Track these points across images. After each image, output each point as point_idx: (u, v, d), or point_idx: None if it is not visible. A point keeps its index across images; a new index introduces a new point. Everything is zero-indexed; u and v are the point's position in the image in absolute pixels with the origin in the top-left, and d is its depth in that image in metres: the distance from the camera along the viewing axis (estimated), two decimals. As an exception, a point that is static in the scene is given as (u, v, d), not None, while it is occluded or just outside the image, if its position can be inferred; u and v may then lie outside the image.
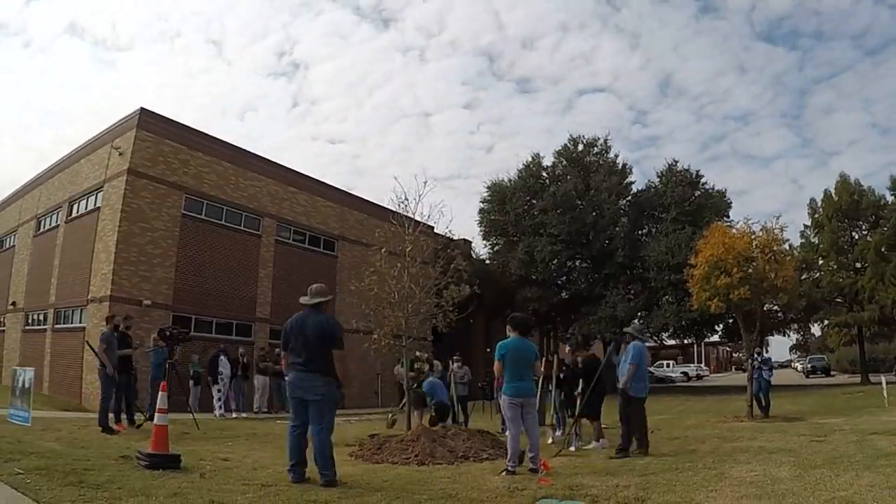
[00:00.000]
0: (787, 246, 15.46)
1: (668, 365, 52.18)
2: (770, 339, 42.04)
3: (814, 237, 31.89)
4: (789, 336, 41.46)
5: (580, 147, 31.74)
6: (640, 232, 31.46)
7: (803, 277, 27.95)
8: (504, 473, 5.95)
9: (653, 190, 31.36)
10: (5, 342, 21.62)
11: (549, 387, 10.27)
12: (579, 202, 30.26)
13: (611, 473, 5.98)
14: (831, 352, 48.20)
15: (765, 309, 16.21)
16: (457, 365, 13.38)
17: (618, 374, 8.26)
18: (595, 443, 8.86)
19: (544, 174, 31.97)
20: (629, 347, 8.09)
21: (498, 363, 6.39)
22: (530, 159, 32.14)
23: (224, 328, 19.08)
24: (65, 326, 18.28)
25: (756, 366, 13.83)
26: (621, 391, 8.00)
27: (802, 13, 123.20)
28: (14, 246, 23.53)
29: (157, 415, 6.11)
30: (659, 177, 31.57)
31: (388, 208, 10.74)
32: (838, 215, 30.64)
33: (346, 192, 25.53)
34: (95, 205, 18.26)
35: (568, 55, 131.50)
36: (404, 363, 10.31)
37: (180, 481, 5.03)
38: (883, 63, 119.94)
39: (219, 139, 20.27)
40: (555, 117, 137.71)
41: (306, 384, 5.29)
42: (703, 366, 55.21)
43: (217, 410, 15.08)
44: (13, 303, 21.84)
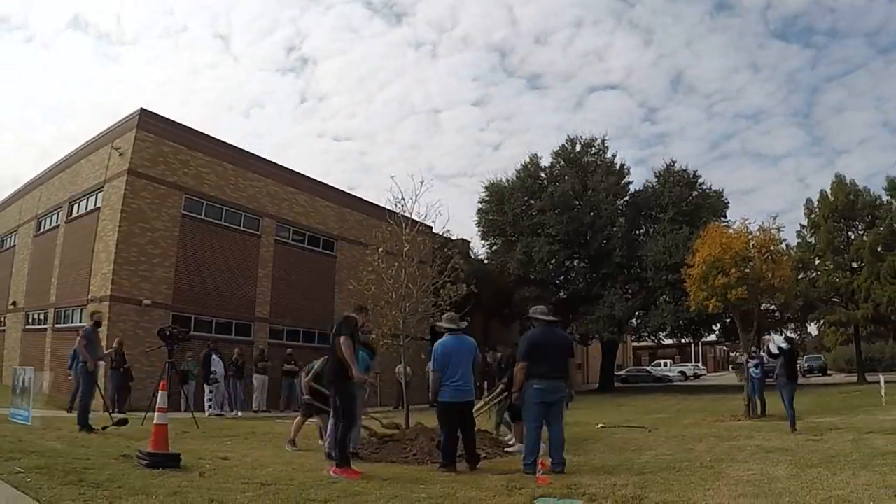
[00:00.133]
0: (783, 246, 15.51)
1: (666, 364, 52.35)
2: (766, 338, 42.14)
3: (810, 237, 31.92)
4: (786, 335, 41.58)
5: (578, 147, 31.74)
6: (637, 232, 31.50)
7: (800, 277, 27.98)
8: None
9: (650, 190, 31.38)
10: (6, 342, 21.64)
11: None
12: (577, 202, 30.28)
13: (608, 472, 6.02)
14: (828, 351, 48.25)
15: (762, 308, 16.26)
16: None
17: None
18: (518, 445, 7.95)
19: (542, 174, 31.96)
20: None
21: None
22: (528, 160, 32.23)
23: (224, 328, 19.09)
24: (65, 326, 18.27)
25: (746, 364, 13.84)
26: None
27: (817, 10, 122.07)
28: (14, 246, 23.56)
29: (156, 414, 6.13)
30: (657, 177, 31.62)
31: (387, 208, 10.77)
32: (834, 215, 30.67)
33: (345, 192, 25.57)
34: (96, 205, 18.28)
35: (581, 51, 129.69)
36: (403, 362, 10.34)
37: (180, 480, 5.06)
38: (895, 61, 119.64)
39: (219, 139, 20.29)
40: (565, 114, 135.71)
41: (558, 389, 6.13)
42: (700, 365, 55.29)
43: (208, 409, 14.92)
44: (13, 302, 21.86)
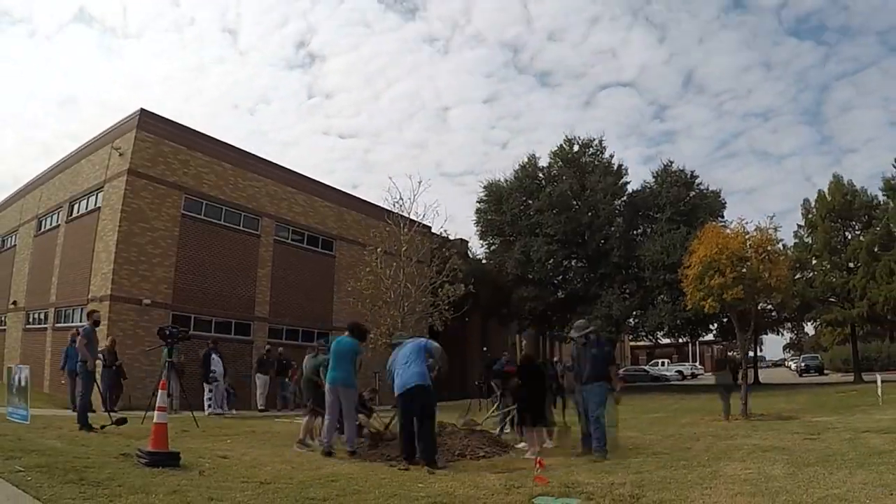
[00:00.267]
0: (780, 246, 15.51)
1: (663, 363, 52.44)
2: (764, 337, 42.35)
3: (807, 237, 31.97)
4: (783, 335, 41.76)
5: (576, 148, 31.76)
6: (635, 232, 31.49)
7: (797, 277, 28.04)
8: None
9: (648, 190, 31.40)
10: (6, 341, 21.64)
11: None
12: (575, 202, 30.29)
13: (606, 471, 6.03)
14: (825, 350, 48.36)
15: (759, 308, 16.29)
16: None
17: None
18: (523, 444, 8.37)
19: (540, 174, 31.96)
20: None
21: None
22: (526, 160, 32.26)
23: (223, 327, 19.11)
24: (65, 325, 18.26)
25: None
26: None
27: (832, 8, 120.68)
28: (15, 245, 23.58)
29: (156, 413, 6.14)
30: (654, 177, 31.65)
31: (386, 208, 10.79)
32: (831, 215, 30.71)
33: (344, 192, 25.60)
34: (96, 205, 18.32)
35: (595, 48, 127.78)
36: None
37: (180, 479, 5.07)
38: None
39: (218, 140, 20.35)
40: (575, 112, 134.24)
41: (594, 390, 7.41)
42: (697, 364, 55.41)
43: (208, 409, 14.77)
44: (14, 302, 21.87)
